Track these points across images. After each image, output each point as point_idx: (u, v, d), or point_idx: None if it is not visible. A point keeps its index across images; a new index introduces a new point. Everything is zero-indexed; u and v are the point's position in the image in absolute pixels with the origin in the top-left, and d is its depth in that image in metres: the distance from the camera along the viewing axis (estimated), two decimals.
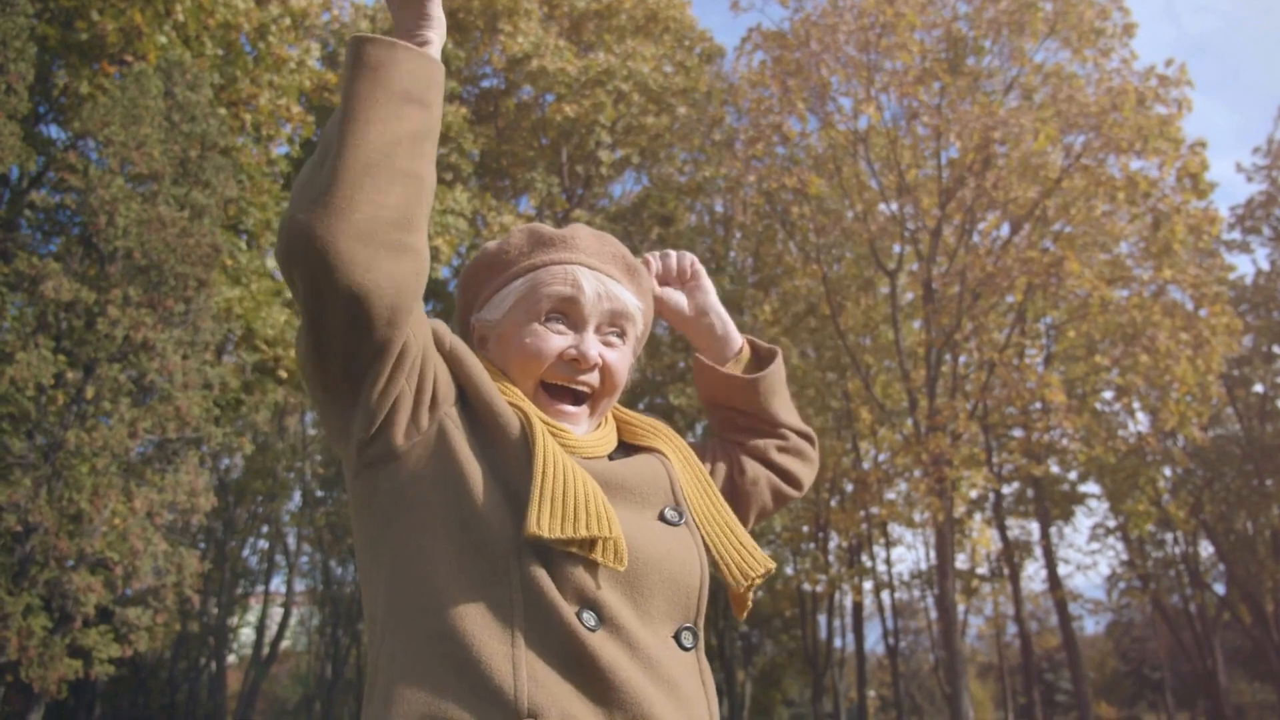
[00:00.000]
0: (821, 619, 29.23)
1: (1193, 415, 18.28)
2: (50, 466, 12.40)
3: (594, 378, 1.37)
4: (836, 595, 27.37)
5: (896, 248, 20.50)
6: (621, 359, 1.41)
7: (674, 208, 22.64)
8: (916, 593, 35.25)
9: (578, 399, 1.38)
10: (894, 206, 19.75)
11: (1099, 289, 17.79)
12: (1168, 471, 26.19)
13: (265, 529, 28.53)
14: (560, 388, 1.37)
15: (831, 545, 26.41)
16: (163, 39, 16.17)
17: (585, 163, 21.70)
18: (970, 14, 20.78)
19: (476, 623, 1.13)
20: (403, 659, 1.16)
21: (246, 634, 32.78)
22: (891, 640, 28.49)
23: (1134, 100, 17.86)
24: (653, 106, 21.44)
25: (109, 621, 13.27)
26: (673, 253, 1.64)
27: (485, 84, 23.34)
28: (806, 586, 25.60)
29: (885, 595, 28.70)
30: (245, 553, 29.62)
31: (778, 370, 1.65)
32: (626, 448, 1.47)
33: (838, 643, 30.39)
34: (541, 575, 1.15)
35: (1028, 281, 18.18)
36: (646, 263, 1.59)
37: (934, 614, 31.58)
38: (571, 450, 1.34)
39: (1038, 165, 18.31)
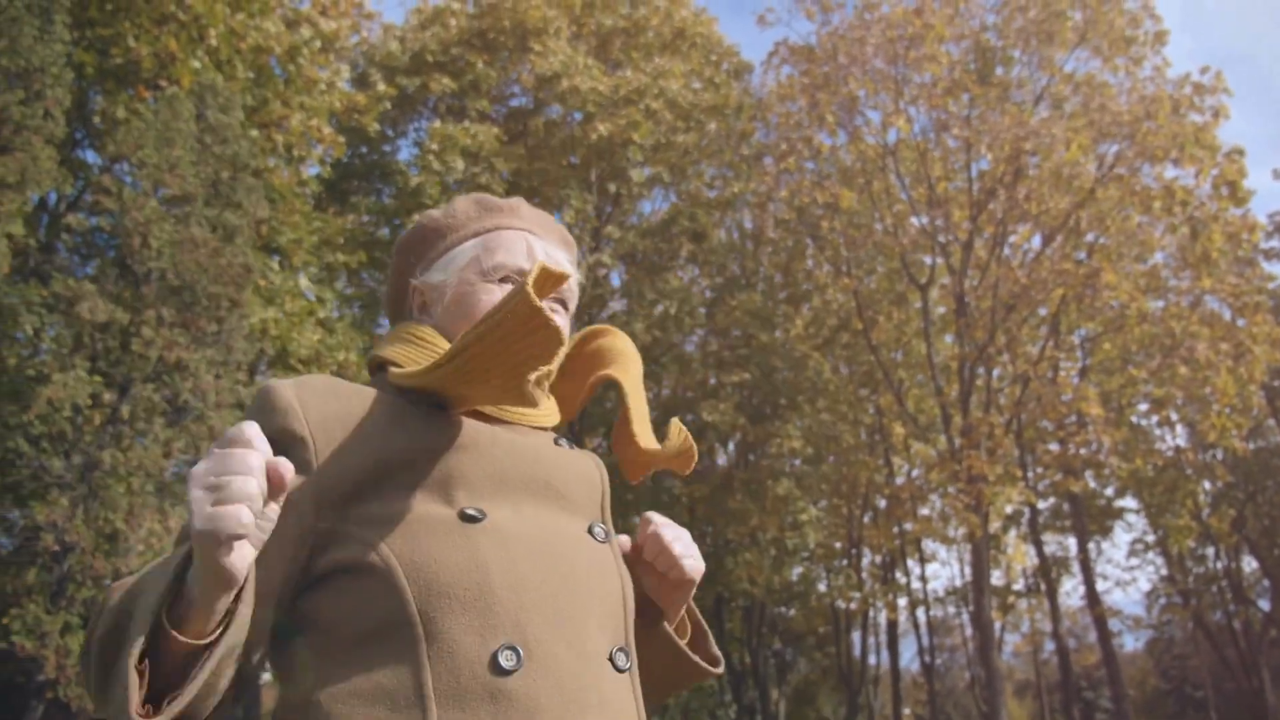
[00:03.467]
0: (855, 636, 28.92)
1: (1233, 427, 17.97)
2: (87, 486, 12.51)
3: None
4: (870, 612, 27.08)
5: (928, 260, 20.35)
6: (565, 324, 1.39)
7: (705, 223, 22.64)
8: (951, 609, 34.84)
9: None
10: (924, 220, 19.62)
11: (1136, 300, 17.56)
12: (1207, 485, 25.76)
13: None
14: None
15: (865, 562, 26.16)
16: (196, 64, 16.39)
17: (616, 180, 21.74)
18: (998, 24, 20.67)
19: (379, 693, 1.07)
20: None
21: None
22: (927, 658, 28.14)
23: (1168, 108, 17.65)
24: (682, 123, 21.46)
25: None
26: (666, 542, 1.34)
27: (513, 103, 23.47)
28: (840, 603, 25.36)
29: (920, 612, 28.36)
30: None
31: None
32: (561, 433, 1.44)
33: (872, 660, 30.07)
34: (449, 626, 1.08)
35: (1063, 293, 17.98)
36: (643, 524, 1.36)
37: (969, 631, 31.19)
38: (519, 419, 1.31)
39: (1070, 176, 18.13)
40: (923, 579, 27.59)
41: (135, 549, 12.46)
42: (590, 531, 1.27)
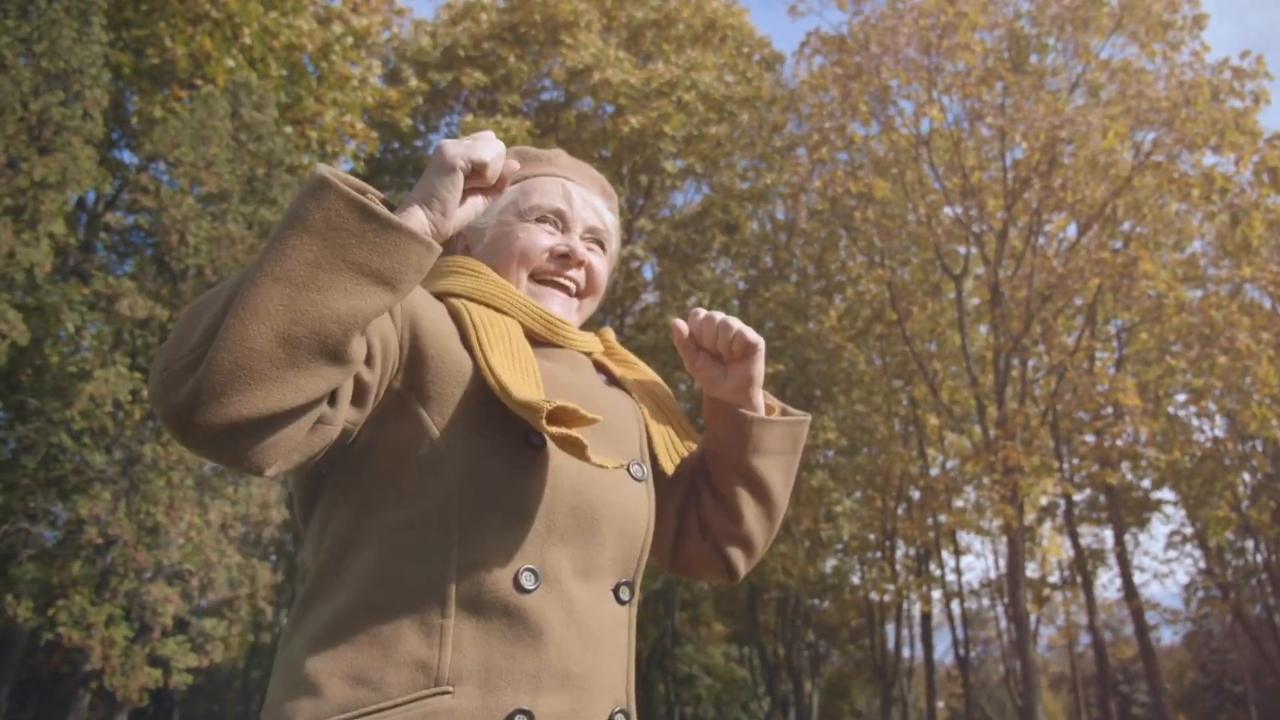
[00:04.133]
0: (889, 629, 28.80)
1: (1274, 417, 17.71)
2: (128, 480, 12.70)
3: (580, 275, 1.45)
4: (904, 604, 26.96)
5: (962, 250, 20.19)
6: (602, 264, 1.49)
7: (737, 215, 22.57)
8: (986, 602, 34.60)
9: (566, 293, 1.45)
10: (958, 209, 19.46)
11: (1174, 289, 17.33)
12: (1247, 476, 25.39)
13: None
14: (548, 283, 1.44)
15: (899, 554, 26.03)
16: (230, 62, 16.54)
17: (648, 172, 21.71)
18: (1033, 11, 20.45)
19: (407, 594, 1.14)
20: (323, 630, 1.14)
21: None
22: (961, 651, 27.96)
23: (1207, 94, 17.39)
24: (714, 115, 21.40)
25: (185, 632, 13.54)
26: (721, 319, 1.43)
27: (544, 97, 23.49)
28: (874, 596, 25.27)
29: (954, 604, 28.20)
30: None
31: (793, 435, 1.49)
32: (608, 375, 1.50)
33: (906, 653, 29.93)
34: (483, 539, 1.16)
35: (1099, 283, 17.78)
36: (693, 316, 1.46)
37: (1004, 623, 30.96)
38: (568, 341, 1.41)
39: (1107, 164, 17.90)
40: (957, 571, 27.41)
41: (176, 542, 12.64)
42: (629, 470, 1.33)
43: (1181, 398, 21.36)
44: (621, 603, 1.28)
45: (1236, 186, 17.86)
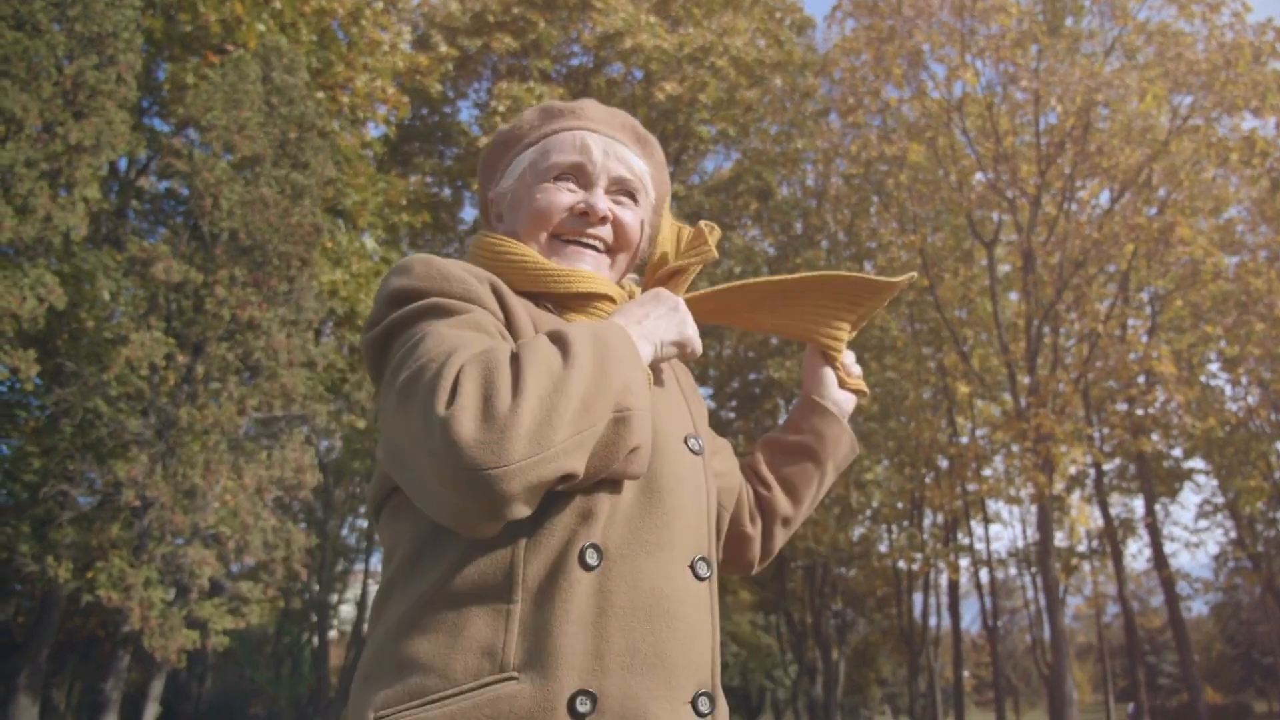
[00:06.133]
0: (917, 597, 28.81)
1: None
2: (165, 444, 12.83)
3: (606, 232, 1.39)
4: (932, 573, 26.95)
5: (994, 216, 19.97)
6: (633, 217, 1.42)
7: (769, 180, 22.37)
8: (1013, 571, 34.53)
9: (595, 250, 1.40)
10: (991, 175, 19.22)
11: (1211, 255, 17.09)
12: None
13: (364, 509, 29.16)
14: (574, 242, 1.38)
15: (926, 522, 25.98)
16: (261, 27, 16.52)
17: (679, 138, 21.54)
18: None
19: (478, 580, 1.12)
20: (399, 622, 1.15)
21: (346, 610, 33.69)
22: (989, 620, 27.94)
23: (1248, 56, 17.04)
24: (745, 80, 21.17)
25: (221, 594, 13.71)
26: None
27: (574, 62, 23.29)
28: (901, 564, 25.26)
29: (983, 573, 28.15)
30: (344, 532, 30.44)
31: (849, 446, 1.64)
32: None
33: (933, 621, 29.94)
34: (549, 517, 1.13)
35: (1134, 249, 17.56)
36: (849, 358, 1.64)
37: (1031, 593, 30.90)
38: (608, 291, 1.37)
39: (1143, 128, 17.62)
40: (986, 540, 27.35)
41: (212, 505, 12.77)
42: (686, 442, 1.30)
43: (1215, 366, 21.14)
44: (700, 579, 1.22)
45: (1277, 151, 17.55)
